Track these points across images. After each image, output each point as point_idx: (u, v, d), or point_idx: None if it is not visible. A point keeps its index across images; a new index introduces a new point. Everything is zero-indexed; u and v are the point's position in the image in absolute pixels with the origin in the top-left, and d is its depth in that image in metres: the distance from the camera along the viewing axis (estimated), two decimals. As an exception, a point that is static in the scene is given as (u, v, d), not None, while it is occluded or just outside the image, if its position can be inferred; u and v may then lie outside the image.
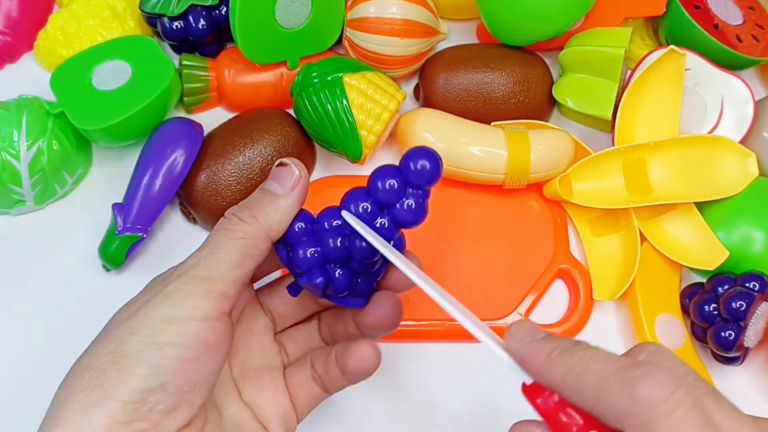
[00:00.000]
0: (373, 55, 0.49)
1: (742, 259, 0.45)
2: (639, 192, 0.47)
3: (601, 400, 0.24)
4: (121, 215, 0.45)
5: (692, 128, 0.49)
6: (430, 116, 0.47)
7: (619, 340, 0.46)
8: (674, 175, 0.47)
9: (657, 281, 0.46)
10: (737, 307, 0.41)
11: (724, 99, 0.48)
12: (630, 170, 0.48)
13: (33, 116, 0.46)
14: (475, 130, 0.47)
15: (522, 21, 0.48)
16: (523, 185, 0.47)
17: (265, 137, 0.46)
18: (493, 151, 0.46)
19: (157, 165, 0.45)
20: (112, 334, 0.29)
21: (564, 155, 0.47)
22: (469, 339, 0.44)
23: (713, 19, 0.51)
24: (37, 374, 0.43)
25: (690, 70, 0.48)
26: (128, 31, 0.52)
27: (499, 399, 0.43)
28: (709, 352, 0.44)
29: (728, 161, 0.47)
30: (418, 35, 0.48)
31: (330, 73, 0.46)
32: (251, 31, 0.47)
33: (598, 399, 0.24)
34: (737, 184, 0.46)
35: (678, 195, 0.47)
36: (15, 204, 0.47)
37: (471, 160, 0.46)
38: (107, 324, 0.30)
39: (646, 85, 0.48)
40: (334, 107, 0.45)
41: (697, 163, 0.47)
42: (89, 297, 0.45)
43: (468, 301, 0.45)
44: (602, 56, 0.48)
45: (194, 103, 0.51)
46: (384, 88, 0.47)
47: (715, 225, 0.46)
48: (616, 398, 0.24)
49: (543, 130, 0.48)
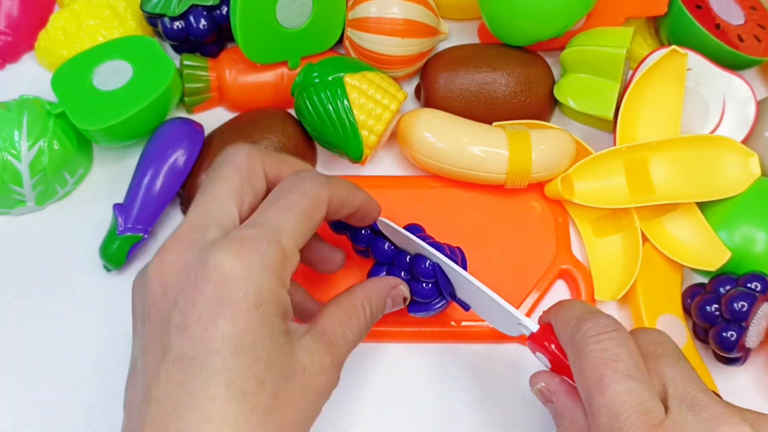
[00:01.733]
0: (374, 55, 0.49)
1: (744, 260, 0.45)
2: (641, 192, 0.47)
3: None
4: (121, 215, 0.45)
5: (694, 128, 0.49)
6: (431, 116, 0.47)
7: (620, 341, 0.46)
8: (676, 174, 0.47)
9: (659, 282, 0.46)
10: (739, 307, 0.41)
11: (725, 99, 0.48)
12: (632, 170, 0.47)
13: (34, 116, 0.46)
14: (477, 130, 0.47)
15: (523, 21, 0.48)
16: (525, 185, 0.47)
17: (266, 137, 0.46)
18: (495, 151, 0.46)
19: (158, 165, 0.45)
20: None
21: (565, 155, 0.47)
22: (467, 340, 0.45)
23: (715, 19, 0.51)
24: (37, 374, 0.43)
25: (692, 69, 0.48)
26: (129, 31, 0.52)
27: (498, 400, 0.43)
28: (711, 352, 0.44)
29: (730, 161, 0.47)
30: (419, 35, 0.48)
31: (331, 73, 0.46)
32: (252, 31, 0.47)
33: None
34: (739, 184, 0.46)
35: (680, 195, 0.46)
36: (16, 204, 0.47)
37: (472, 160, 0.46)
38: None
39: (647, 85, 0.48)
40: (335, 107, 0.45)
41: (699, 163, 0.47)
42: (90, 297, 0.45)
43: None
44: (604, 56, 0.48)
45: (195, 103, 0.51)
46: (385, 88, 0.47)
47: (716, 225, 0.46)
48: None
49: (544, 130, 0.48)
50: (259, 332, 0.28)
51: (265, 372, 0.28)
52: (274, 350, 0.29)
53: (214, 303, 0.28)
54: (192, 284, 0.28)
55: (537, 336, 0.34)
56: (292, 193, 0.32)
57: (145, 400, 0.28)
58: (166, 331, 0.28)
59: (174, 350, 0.28)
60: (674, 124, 0.48)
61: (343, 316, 0.33)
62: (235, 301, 0.28)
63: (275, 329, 0.29)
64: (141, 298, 0.31)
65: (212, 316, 0.28)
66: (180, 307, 0.28)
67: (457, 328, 0.44)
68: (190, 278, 0.29)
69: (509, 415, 0.43)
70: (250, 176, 0.33)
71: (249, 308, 0.28)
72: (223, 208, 0.31)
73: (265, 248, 0.29)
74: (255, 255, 0.29)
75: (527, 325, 0.34)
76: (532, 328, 0.34)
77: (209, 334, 0.27)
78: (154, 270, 0.30)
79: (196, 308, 0.28)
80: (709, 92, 0.49)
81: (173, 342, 0.28)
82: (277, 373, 0.28)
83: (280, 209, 0.31)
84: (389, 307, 0.37)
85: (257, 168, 0.34)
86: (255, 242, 0.29)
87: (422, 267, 0.38)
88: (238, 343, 0.28)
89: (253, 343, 0.28)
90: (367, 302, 0.35)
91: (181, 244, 0.30)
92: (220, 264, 0.28)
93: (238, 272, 0.28)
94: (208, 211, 0.31)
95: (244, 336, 0.28)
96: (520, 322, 0.34)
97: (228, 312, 0.28)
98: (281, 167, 0.35)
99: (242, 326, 0.28)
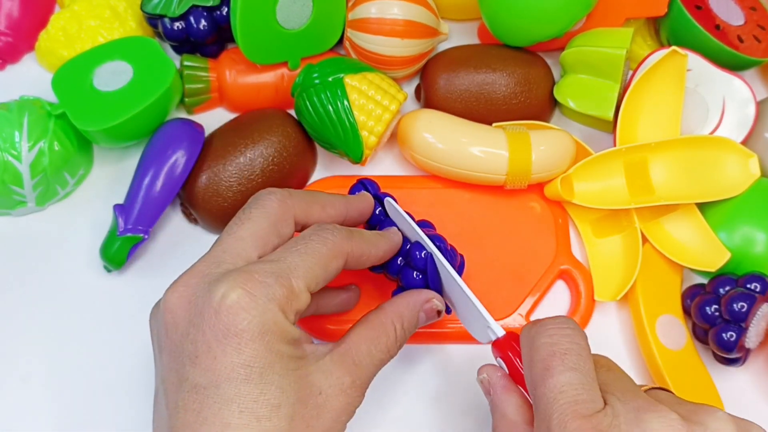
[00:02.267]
0: (374, 56, 0.49)
1: (744, 260, 0.45)
2: (641, 192, 0.47)
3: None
4: (122, 216, 0.45)
5: (694, 129, 0.49)
6: (431, 117, 0.47)
7: (620, 341, 0.46)
8: (676, 175, 0.47)
9: (658, 282, 0.46)
10: (738, 308, 0.41)
11: (725, 99, 0.48)
12: (632, 171, 0.47)
13: (34, 117, 0.46)
14: (476, 131, 0.47)
15: (523, 21, 0.48)
16: (525, 186, 0.47)
17: (266, 138, 0.46)
18: (495, 151, 0.46)
19: (158, 166, 0.45)
20: None
21: (565, 156, 0.47)
22: (462, 341, 0.45)
23: (715, 20, 0.51)
24: (38, 375, 0.43)
25: (692, 70, 0.48)
26: (129, 31, 0.52)
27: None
28: (711, 353, 0.44)
29: (730, 162, 0.47)
30: (419, 36, 0.48)
31: (331, 74, 0.46)
32: (252, 32, 0.47)
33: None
34: (739, 185, 0.46)
35: (680, 196, 0.46)
36: (16, 205, 0.47)
37: (472, 160, 0.46)
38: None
39: (647, 85, 0.48)
40: (335, 108, 0.45)
41: (698, 163, 0.47)
42: (90, 298, 0.45)
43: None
44: (604, 57, 0.48)
45: (195, 104, 0.51)
46: (385, 89, 0.47)
47: (716, 226, 0.46)
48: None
49: (544, 130, 0.48)
50: (267, 358, 0.29)
51: (279, 396, 0.29)
52: (285, 375, 0.29)
53: (221, 332, 0.29)
54: (200, 314, 0.29)
55: (501, 342, 0.34)
56: (312, 240, 0.33)
57: (168, 428, 0.29)
58: (180, 361, 0.29)
59: (188, 379, 0.29)
60: (674, 124, 0.48)
61: (370, 336, 0.34)
62: (240, 330, 0.29)
63: (284, 355, 0.30)
64: (156, 329, 0.32)
65: (220, 345, 0.28)
66: (190, 337, 0.29)
67: (452, 332, 0.44)
68: (198, 308, 0.30)
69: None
70: (278, 222, 0.34)
71: (254, 337, 0.29)
72: (243, 249, 0.32)
73: (272, 282, 0.30)
74: (260, 287, 0.30)
75: (495, 330, 0.34)
76: (498, 333, 0.34)
77: (218, 362, 0.28)
78: (166, 302, 0.31)
79: (205, 337, 0.29)
80: (709, 93, 0.49)
81: (187, 371, 0.29)
82: (292, 397, 0.29)
83: (296, 252, 0.32)
84: (423, 321, 0.37)
85: (287, 215, 0.34)
86: (263, 276, 0.30)
87: (416, 255, 0.37)
88: (248, 371, 0.28)
89: (263, 370, 0.29)
90: (397, 319, 0.35)
91: (194, 277, 0.31)
92: (226, 295, 0.29)
93: (243, 303, 0.29)
94: (227, 249, 0.32)
95: (253, 363, 0.28)
96: (488, 326, 0.34)
97: (234, 341, 0.28)
98: (312, 210, 0.36)
99: (249, 354, 0.28)
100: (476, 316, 0.35)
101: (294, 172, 0.47)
